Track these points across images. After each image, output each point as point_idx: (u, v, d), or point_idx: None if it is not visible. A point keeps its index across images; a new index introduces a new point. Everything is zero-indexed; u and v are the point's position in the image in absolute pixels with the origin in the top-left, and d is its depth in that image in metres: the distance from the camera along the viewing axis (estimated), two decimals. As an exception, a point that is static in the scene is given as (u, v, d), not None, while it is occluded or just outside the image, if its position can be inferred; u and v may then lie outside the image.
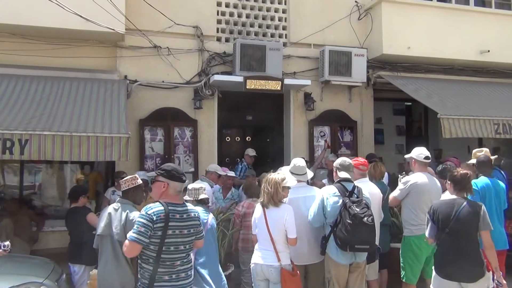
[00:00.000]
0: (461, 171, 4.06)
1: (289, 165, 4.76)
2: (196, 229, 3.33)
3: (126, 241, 3.17)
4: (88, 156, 5.34)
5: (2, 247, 2.98)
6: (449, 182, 4.08)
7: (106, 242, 4.02)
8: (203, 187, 4.54)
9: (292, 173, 4.51)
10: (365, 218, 4.02)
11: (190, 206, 3.40)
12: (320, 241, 4.33)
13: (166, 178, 3.25)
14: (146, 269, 3.15)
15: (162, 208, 3.15)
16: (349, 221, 4.01)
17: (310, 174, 4.68)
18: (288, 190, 4.24)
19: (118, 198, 4.32)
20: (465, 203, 3.88)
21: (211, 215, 4.45)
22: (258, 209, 4.26)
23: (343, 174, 4.40)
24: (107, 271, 3.97)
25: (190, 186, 4.47)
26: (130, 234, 3.12)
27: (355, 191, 4.27)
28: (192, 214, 3.31)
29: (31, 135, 5.13)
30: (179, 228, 3.18)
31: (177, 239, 3.18)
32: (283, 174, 4.32)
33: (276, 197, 4.11)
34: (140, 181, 4.16)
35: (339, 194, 4.23)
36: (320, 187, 4.93)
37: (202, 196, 4.42)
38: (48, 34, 6.61)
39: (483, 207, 3.92)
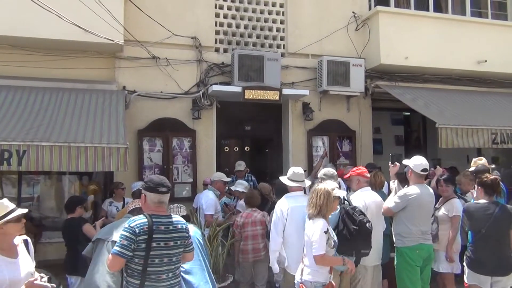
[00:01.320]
0: (490, 177, 4.36)
1: (287, 175, 4.76)
2: (184, 242, 3.19)
3: (109, 255, 3.07)
4: (86, 167, 5.33)
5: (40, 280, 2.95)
6: (479, 187, 4.38)
7: (101, 247, 4.01)
8: (183, 206, 4.50)
9: (291, 180, 4.56)
10: (367, 224, 4.21)
11: (177, 218, 3.26)
12: None
13: (144, 189, 3.20)
14: (131, 283, 3.04)
15: (146, 220, 3.04)
16: (355, 227, 4.17)
17: (307, 182, 4.71)
18: (337, 201, 4.04)
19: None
20: (498, 206, 4.27)
21: (191, 227, 4.36)
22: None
23: (329, 184, 4.46)
24: (96, 273, 3.93)
25: (171, 205, 4.39)
26: (114, 248, 3.03)
27: (347, 198, 4.48)
28: (179, 226, 3.18)
29: (29, 146, 5.13)
30: (164, 240, 3.07)
31: (161, 251, 3.06)
32: (332, 183, 4.11)
33: (325, 209, 3.88)
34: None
35: None
36: None
37: (183, 213, 4.40)
38: (47, 46, 6.64)
39: None
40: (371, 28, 8.46)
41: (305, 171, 7.04)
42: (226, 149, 8.68)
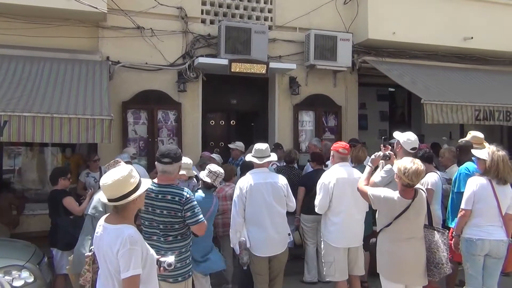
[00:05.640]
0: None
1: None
2: (171, 213, 3.29)
3: None
4: (70, 138, 5.24)
5: (163, 265, 2.67)
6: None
7: (88, 221, 4.03)
8: (223, 174, 4.53)
9: (254, 157, 4.48)
10: None
11: (175, 190, 3.34)
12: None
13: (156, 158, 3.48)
14: None
15: None
16: None
17: (274, 156, 4.62)
18: None
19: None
20: None
21: (215, 200, 4.42)
22: (482, 183, 4.19)
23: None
24: (86, 245, 3.97)
25: (213, 168, 4.48)
26: None
27: None
28: (169, 197, 3.30)
29: (10, 116, 5.00)
30: (152, 206, 3.31)
31: (149, 215, 3.34)
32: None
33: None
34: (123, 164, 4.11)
35: None
36: None
37: (217, 184, 4.48)
38: (27, 13, 6.41)
39: None
40: (360, 2, 8.36)
41: (278, 144, 7.08)
42: (212, 122, 8.61)
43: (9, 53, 6.44)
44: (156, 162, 3.43)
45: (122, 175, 2.48)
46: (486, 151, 4.35)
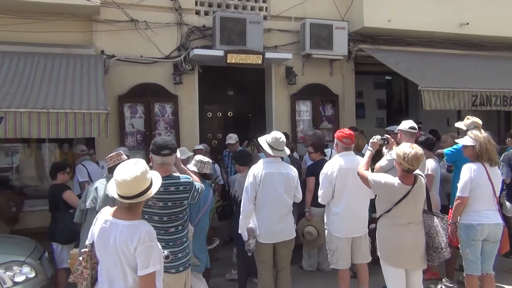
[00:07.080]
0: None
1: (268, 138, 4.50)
2: (176, 203, 3.30)
3: None
4: (66, 133, 5.21)
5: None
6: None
7: (92, 217, 4.01)
8: (210, 162, 4.54)
9: (270, 146, 4.38)
10: None
11: (175, 180, 3.34)
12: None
13: (150, 151, 3.40)
14: None
15: None
16: None
17: (287, 151, 4.55)
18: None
19: (105, 174, 4.37)
20: None
21: (211, 194, 4.43)
22: (477, 169, 4.25)
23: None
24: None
25: (197, 158, 4.52)
26: None
27: None
28: (172, 188, 3.28)
29: (6, 113, 4.97)
30: (152, 200, 3.17)
31: (150, 209, 3.24)
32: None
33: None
34: (125, 157, 4.11)
35: None
36: None
37: (205, 171, 4.47)
38: (20, 8, 6.36)
39: None
40: (354, -10, 8.32)
41: (285, 133, 7.06)
42: (209, 114, 8.58)
43: (2, 49, 6.39)
44: (153, 155, 3.36)
45: (140, 171, 2.38)
46: (468, 137, 4.34)
